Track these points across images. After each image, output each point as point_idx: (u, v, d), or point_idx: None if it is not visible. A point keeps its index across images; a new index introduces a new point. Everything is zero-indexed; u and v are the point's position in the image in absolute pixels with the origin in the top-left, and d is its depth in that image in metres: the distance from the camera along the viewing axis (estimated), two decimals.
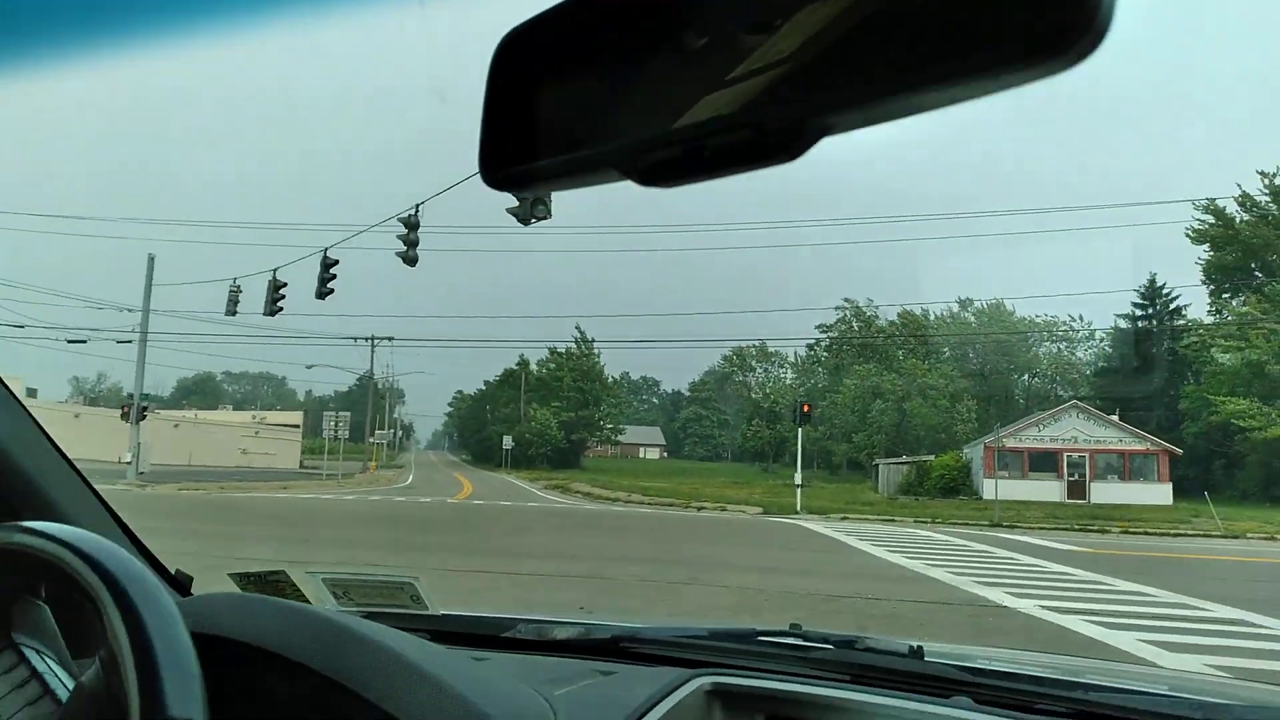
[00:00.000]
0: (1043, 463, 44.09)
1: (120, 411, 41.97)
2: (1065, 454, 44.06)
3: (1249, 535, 27.05)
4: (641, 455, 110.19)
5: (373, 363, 61.49)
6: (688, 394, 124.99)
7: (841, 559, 17.73)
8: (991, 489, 37.89)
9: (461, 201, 20.70)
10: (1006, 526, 28.77)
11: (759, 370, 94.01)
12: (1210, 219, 49.01)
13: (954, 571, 15.25)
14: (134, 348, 40.26)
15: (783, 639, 1.85)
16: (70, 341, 41.94)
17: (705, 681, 1.62)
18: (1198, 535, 27.05)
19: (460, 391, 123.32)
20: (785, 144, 0.55)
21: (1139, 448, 44.01)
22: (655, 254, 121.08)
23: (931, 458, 48.96)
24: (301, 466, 71.95)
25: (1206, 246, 50.47)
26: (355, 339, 55.46)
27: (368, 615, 1.71)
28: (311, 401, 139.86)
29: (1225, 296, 51.57)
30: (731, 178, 0.50)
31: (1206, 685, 2.42)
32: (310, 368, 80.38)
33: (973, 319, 73.67)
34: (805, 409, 36.65)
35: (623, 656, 1.80)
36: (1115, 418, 46.33)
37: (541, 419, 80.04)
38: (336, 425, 50.12)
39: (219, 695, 0.95)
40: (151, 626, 0.93)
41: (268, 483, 43.18)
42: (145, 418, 40.48)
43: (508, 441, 71.39)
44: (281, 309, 28.11)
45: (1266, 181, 47.15)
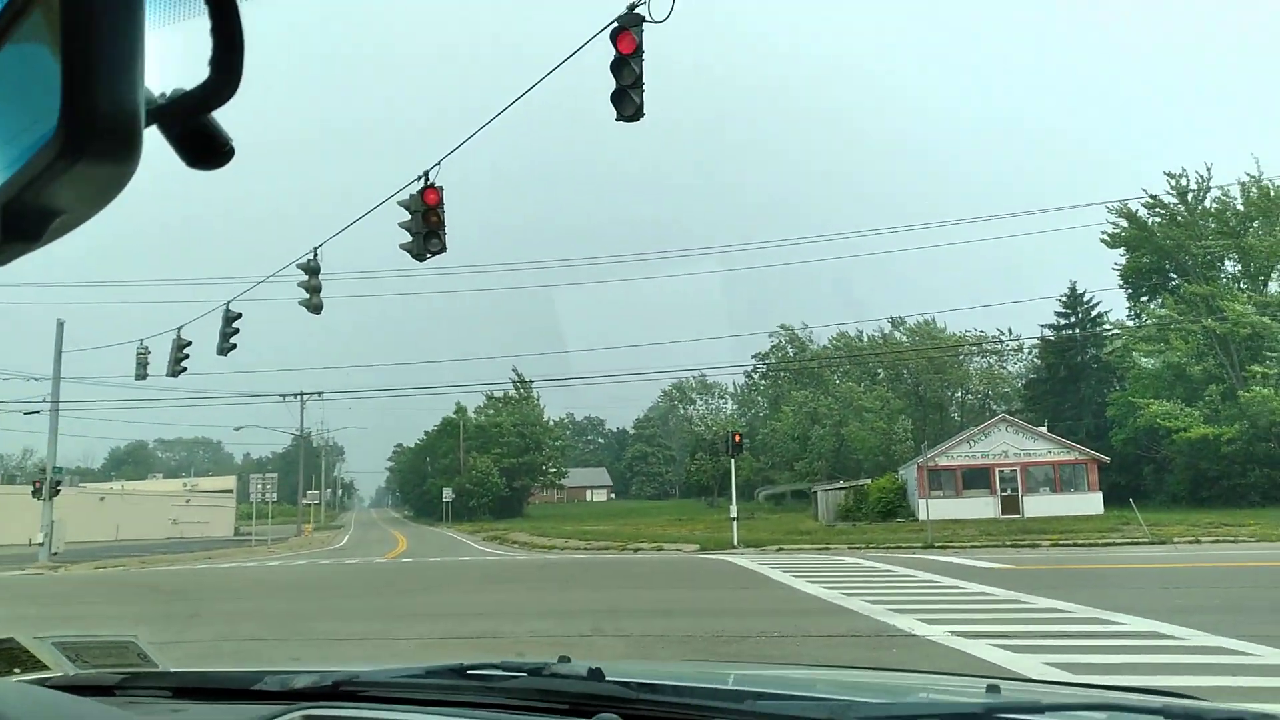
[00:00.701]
0: (975, 480, 44.13)
1: (31, 488, 39.81)
2: (996, 469, 44.15)
3: (1175, 540, 27.11)
4: (588, 498, 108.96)
5: (302, 419, 59.84)
6: (633, 432, 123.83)
7: (760, 594, 17.21)
8: (927, 509, 37.80)
9: (376, 242, 19.90)
10: (939, 547, 28.51)
11: (699, 403, 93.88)
12: (1124, 223, 49.89)
13: (870, 599, 14.81)
14: (55, 419, 38.20)
15: (488, 671, 1.98)
16: None
17: (297, 715, 1.71)
18: (1126, 543, 27.04)
19: (400, 445, 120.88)
20: None
21: (1068, 458, 44.30)
22: (586, 286, 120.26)
23: (868, 481, 48.88)
24: (236, 534, 69.72)
25: (1122, 250, 51.33)
26: (284, 396, 53.67)
27: (97, 678, 2.01)
28: (249, 465, 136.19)
29: (1143, 300, 52.39)
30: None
31: (951, 686, 2.58)
32: (239, 429, 77.68)
33: (905, 338, 74.31)
34: (737, 439, 36.28)
35: (338, 699, 1.88)
36: (1044, 429, 46.70)
37: (482, 467, 78.67)
38: (264, 489, 48.45)
39: None
40: None
41: (194, 553, 41.53)
42: (58, 493, 38.45)
43: (448, 494, 69.92)
44: (185, 369, 26.81)
45: (1173, 183, 48.20)
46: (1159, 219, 49.09)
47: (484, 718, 1.73)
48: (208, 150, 0.68)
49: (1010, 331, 67.84)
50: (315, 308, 20.99)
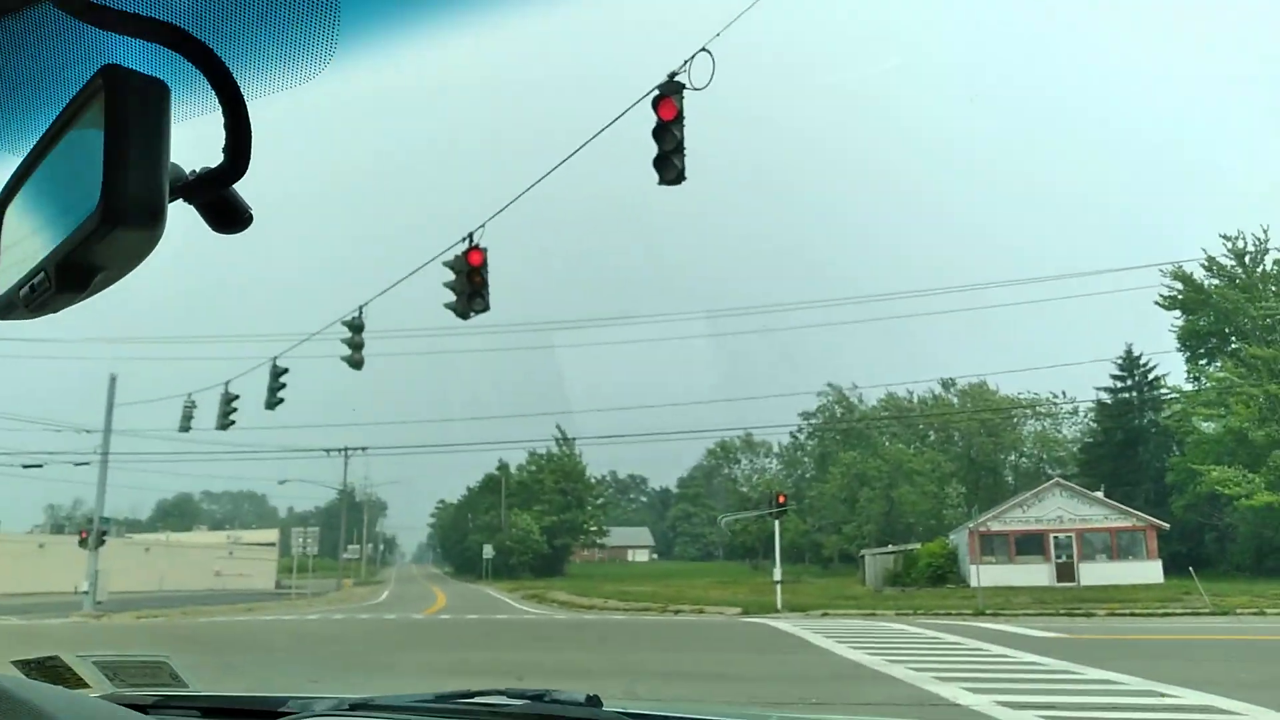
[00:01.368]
0: (1029, 545, 42.76)
1: (79, 538, 40.42)
2: (1051, 535, 42.76)
3: (1238, 611, 25.93)
4: (630, 558, 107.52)
5: (345, 474, 60.02)
6: (676, 491, 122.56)
7: (799, 659, 16.69)
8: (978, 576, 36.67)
9: (420, 302, 20.13)
10: (991, 614, 27.57)
11: (744, 462, 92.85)
12: (1179, 285, 48.97)
13: (914, 667, 14.24)
14: (108, 471, 38.87)
15: (493, 698, 2.05)
16: (26, 466, 40.51)
17: None
18: (1186, 614, 25.93)
19: (443, 500, 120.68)
20: None
21: (1126, 524, 42.78)
22: (627, 345, 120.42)
23: (918, 546, 47.66)
24: (278, 586, 70.00)
25: (1178, 313, 50.29)
26: (328, 451, 54.16)
27: (134, 698, 2.09)
28: (292, 518, 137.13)
29: (1202, 362, 51.11)
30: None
31: None
32: (283, 483, 78.43)
33: (955, 400, 73.08)
34: (781, 499, 35.66)
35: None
36: (1100, 494, 45.23)
37: (523, 525, 78.24)
38: (305, 542, 48.69)
39: None
40: None
41: (235, 605, 41.67)
42: (104, 543, 38.94)
43: (488, 551, 69.56)
44: (234, 422, 27.29)
45: (1229, 245, 47.30)
46: (1216, 281, 48.13)
47: None
48: (230, 218, 0.86)
49: (1064, 394, 66.53)
50: (357, 364, 21.25)
